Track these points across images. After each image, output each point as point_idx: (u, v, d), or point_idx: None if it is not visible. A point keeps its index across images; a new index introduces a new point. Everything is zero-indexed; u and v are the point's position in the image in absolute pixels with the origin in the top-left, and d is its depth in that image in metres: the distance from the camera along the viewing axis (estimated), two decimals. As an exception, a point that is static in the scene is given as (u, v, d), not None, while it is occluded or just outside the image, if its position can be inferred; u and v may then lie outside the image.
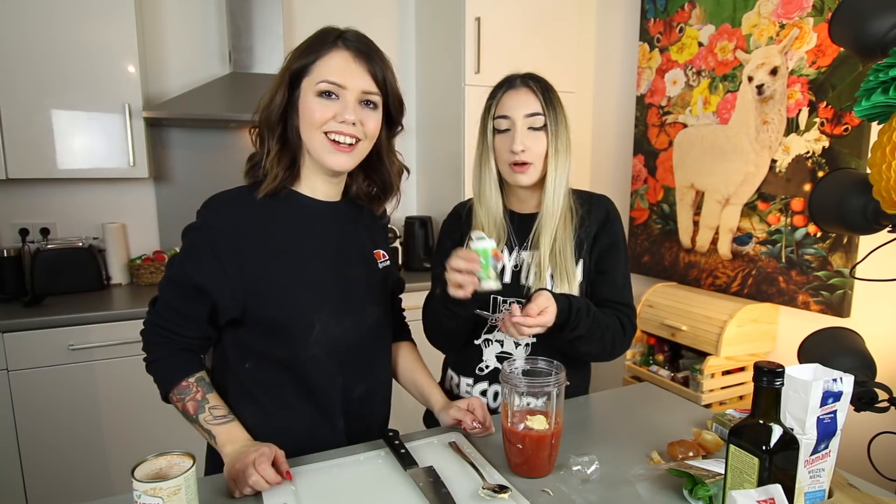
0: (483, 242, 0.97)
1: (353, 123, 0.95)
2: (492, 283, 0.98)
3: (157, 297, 1.00)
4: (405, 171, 1.12)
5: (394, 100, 1.02)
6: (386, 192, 1.11)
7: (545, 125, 1.12)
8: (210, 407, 0.96)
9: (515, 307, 1.02)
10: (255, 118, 0.99)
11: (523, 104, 1.12)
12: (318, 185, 1.03)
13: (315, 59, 0.94)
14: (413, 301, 1.43)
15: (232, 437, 0.94)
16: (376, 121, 0.99)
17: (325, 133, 0.95)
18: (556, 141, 1.13)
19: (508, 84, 1.16)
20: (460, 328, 1.17)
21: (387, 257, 1.15)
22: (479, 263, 0.97)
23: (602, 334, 1.11)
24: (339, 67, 0.94)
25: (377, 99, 0.98)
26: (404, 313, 1.28)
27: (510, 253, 1.21)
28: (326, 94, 0.94)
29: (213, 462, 1.01)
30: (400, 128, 1.09)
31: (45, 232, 2.24)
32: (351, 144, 0.96)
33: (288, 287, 0.98)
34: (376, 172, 1.09)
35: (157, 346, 0.98)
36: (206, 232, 0.95)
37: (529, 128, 1.12)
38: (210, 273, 0.94)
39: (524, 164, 1.12)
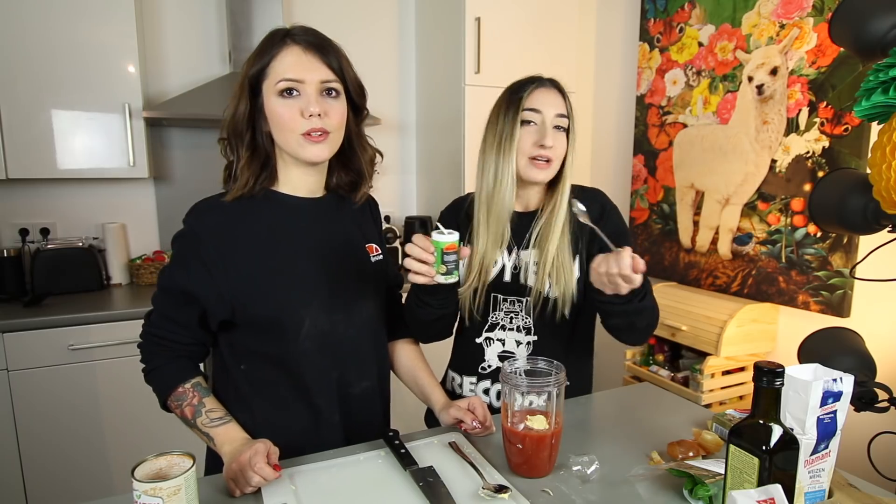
0: (439, 235, 0.94)
1: (319, 115, 0.95)
2: (441, 278, 0.95)
3: (152, 310, 1.02)
4: (378, 156, 1.12)
5: (354, 86, 1.02)
6: (360, 180, 1.11)
7: (568, 129, 1.14)
8: (207, 410, 0.97)
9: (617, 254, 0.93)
10: (223, 131, 1.00)
11: (554, 103, 1.13)
12: (297, 183, 1.04)
13: (269, 60, 0.95)
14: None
15: (229, 437, 0.95)
16: (341, 109, 0.99)
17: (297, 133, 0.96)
18: (573, 146, 1.15)
19: (538, 82, 1.15)
20: (434, 320, 1.13)
21: (379, 251, 1.15)
22: (433, 255, 0.94)
23: (653, 304, 1.11)
24: (293, 63, 0.94)
25: (337, 86, 0.98)
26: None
27: (509, 253, 1.21)
28: (287, 92, 0.94)
29: (214, 462, 1.01)
30: (366, 113, 1.09)
31: (45, 232, 2.24)
32: (321, 135, 0.96)
33: (274, 284, 0.99)
34: (350, 161, 1.09)
35: (153, 355, 1.01)
36: (191, 238, 0.98)
37: (556, 126, 1.13)
38: (197, 278, 0.97)
39: (548, 160, 1.12)
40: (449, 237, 0.93)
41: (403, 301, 1.21)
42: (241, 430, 0.97)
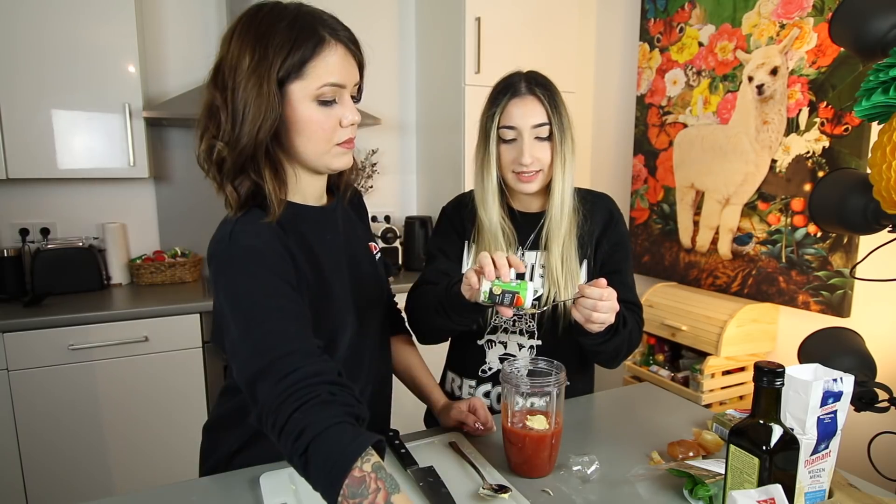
0: (531, 286, 0.89)
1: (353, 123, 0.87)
2: (483, 296, 0.89)
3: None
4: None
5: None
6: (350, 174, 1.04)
7: (551, 133, 1.10)
8: None
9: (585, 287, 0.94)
10: (222, 149, 0.82)
11: (530, 114, 1.08)
12: (307, 191, 0.95)
13: (307, 58, 0.81)
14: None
15: None
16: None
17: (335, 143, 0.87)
18: (562, 147, 1.10)
19: (513, 90, 1.10)
20: (447, 327, 1.11)
21: (377, 248, 1.13)
22: (510, 279, 0.89)
23: (630, 337, 1.09)
24: (338, 67, 0.82)
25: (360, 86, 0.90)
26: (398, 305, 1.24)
27: (514, 254, 1.18)
28: (328, 101, 0.83)
29: (212, 461, 1.00)
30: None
31: (45, 232, 2.24)
32: (349, 142, 0.89)
33: (331, 298, 0.93)
34: None
35: (286, 405, 0.70)
36: (266, 258, 0.83)
37: (536, 137, 1.09)
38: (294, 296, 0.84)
39: (532, 172, 1.10)
40: (531, 295, 0.88)
41: (403, 301, 1.20)
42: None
